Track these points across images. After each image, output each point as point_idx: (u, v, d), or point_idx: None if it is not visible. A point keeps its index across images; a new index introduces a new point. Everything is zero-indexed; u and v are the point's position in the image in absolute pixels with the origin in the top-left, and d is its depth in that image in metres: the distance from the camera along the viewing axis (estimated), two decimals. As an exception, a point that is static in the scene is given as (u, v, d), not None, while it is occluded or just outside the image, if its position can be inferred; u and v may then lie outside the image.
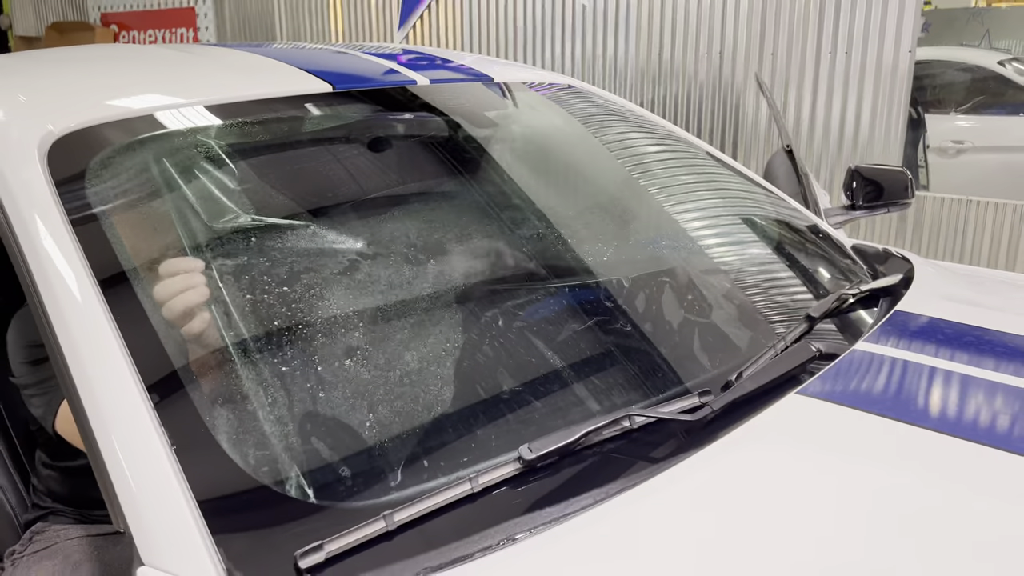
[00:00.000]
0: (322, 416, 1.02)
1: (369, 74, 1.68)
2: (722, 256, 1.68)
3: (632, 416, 1.05)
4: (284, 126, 1.45)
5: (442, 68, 1.85)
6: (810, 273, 1.72)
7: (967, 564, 0.85)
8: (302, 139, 1.46)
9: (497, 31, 5.23)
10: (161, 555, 0.85)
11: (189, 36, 7.41)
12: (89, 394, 0.94)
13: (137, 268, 1.09)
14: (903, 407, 1.11)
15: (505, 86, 1.85)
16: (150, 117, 1.32)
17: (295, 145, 1.44)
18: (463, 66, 1.91)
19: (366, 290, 1.17)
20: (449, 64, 1.89)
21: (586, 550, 0.88)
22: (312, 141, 1.47)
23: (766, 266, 1.72)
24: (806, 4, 4.15)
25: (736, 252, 1.74)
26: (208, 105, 1.40)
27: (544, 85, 1.99)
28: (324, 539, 0.85)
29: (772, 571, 0.85)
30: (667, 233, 1.65)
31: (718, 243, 1.71)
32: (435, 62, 1.88)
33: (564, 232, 1.48)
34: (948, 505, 0.94)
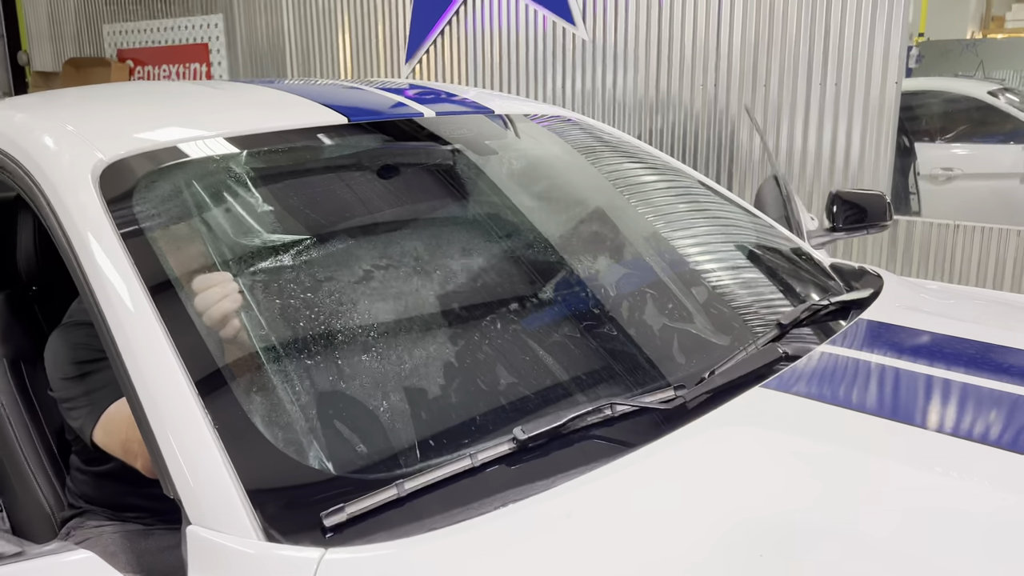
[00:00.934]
0: (342, 402, 1.18)
1: (380, 107, 1.85)
2: (704, 272, 1.83)
3: (613, 404, 1.20)
4: (306, 154, 1.62)
5: (447, 102, 2.02)
6: (786, 287, 1.87)
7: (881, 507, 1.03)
8: (322, 166, 1.62)
9: (500, 65, 5.43)
10: (207, 516, 1.00)
11: (202, 71, 7.63)
12: (143, 385, 1.09)
13: (179, 276, 1.25)
14: (849, 397, 1.27)
15: (506, 118, 2.02)
16: (187, 146, 1.49)
17: (316, 171, 1.60)
18: (466, 99, 2.08)
19: (378, 298, 1.33)
20: (453, 98, 2.06)
21: (567, 512, 1.02)
22: (330, 168, 1.63)
23: (746, 281, 1.87)
24: (796, 38, 4.33)
25: (718, 269, 1.89)
26: (237, 136, 1.56)
27: (541, 116, 2.16)
28: (345, 503, 1.00)
29: (727, 520, 1.00)
30: (654, 251, 1.81)
31: (701, 260, 1.87)
32: (440, 96, 2.05)
33: (560, 249, 1.64)
34: (869, 468, 1.14)
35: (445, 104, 1.97)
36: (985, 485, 1.08)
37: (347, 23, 6.19)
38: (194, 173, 1.46)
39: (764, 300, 1.74)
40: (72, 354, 1.60)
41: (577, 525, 1.00)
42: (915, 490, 1.07)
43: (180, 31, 7.67)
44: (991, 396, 1.28)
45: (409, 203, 1.65)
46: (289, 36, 6.61)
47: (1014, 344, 1.50)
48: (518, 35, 5.31)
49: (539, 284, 1.51)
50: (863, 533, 0.98)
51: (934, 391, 1.30)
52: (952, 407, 1.28)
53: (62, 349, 1.63)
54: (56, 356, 1.64)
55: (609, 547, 0.96)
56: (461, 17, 5.54)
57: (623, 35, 4.92)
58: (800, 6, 4.29)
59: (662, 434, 1.16)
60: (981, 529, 0.99)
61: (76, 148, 1.43)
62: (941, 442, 1.16)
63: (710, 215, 1.97)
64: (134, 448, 1.40)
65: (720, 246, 1.91)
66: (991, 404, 1.27)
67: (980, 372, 1.37)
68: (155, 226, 1.33)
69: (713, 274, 1.79)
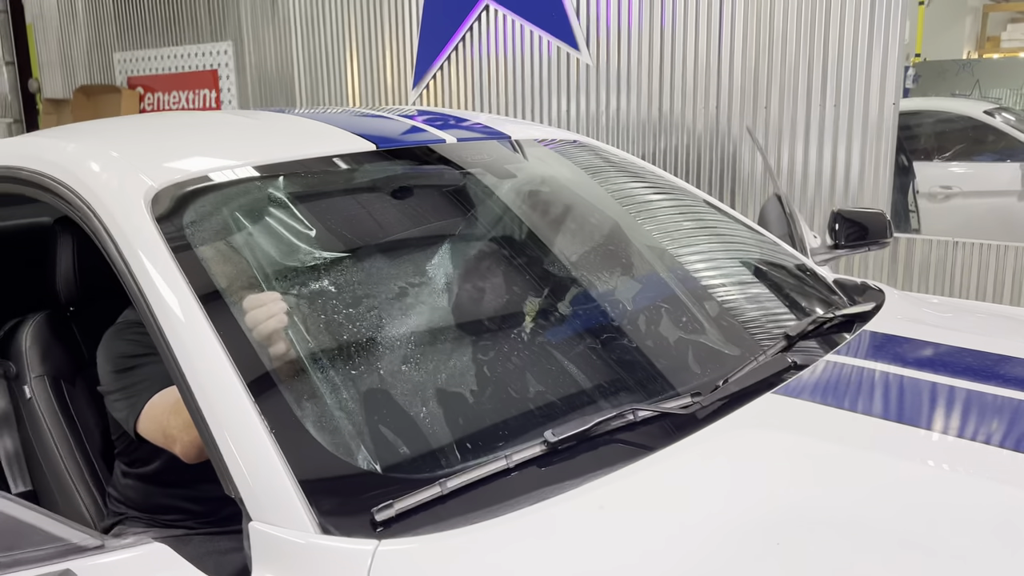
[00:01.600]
0: (386, 408, 1.28)
1: (404, 134, 1.95)
2: (716, 287, 1.93)
3: (636, 410, 1.29)
4: (339, 179, 1.72)
5: (466, 128, 2.12)
6: (792, 302, 1.97)
7: (888, 501, 1.12)
8: (354, 189, 1.73)
9: (506, 89, 5.55)
10: (266, 512, 1.09)
11: (212, 98, 7.76)
12: (203, 394, 1.18)
13: (228, 290, 1.35)
14: (855, 402, 1.37)
15: (521, 143, 2.12)
16: (230, 172, 1.59)
17: (349, 194, 1.71)
18: (483, 126, 2.19)
19: (416, 312, 1.43)
20: (470, 124, 2.17)
21: (600, 505, 1.11)
22: (362, 191, 1.74)
23: (754, 296, 1.97)
24: (796, 60, 4.45)
25: (729, 284, 1.99)
26: (276, 163, 1.66)
27: (554, 141, 2.26)
28: (394, 499, 1.09)
29: (747, 512, 1.09)
30: (669, 268, 1.91)
31: (712, 277, 1.97)
32: (460, 123, 2.16)
33: (582, 267, 1.74)
34: (876, 466, 1.23)
35: (464, 131, 2.08)
36: (988, 482, 1.18)
37: (355, 49, 6.33)
38: (237, 197, 1.56)
39: (772, 313, 1.83)
40: (121, 349, 1.72)
41: (610, 516, 1.09)
42: (920, 486, 1.16)
43: (190, 58, 7.80)
44: (992, 402, 1.37)
45: (438, 223, 1.75)
46: (298, 62, 6.74)
47: (1013, 353, 1.60)
48: (523, 60, 5.44)
49: (563, 299, 1.60)
50: (872, 524, 1.07)
51: (937, 397, 1.39)
52: (953, 411, 1.37)
53: (113, 346, 1.75)
54: (107, 352, 1.76)
55: (641, 534, 1.05)
56: (467, 43, 5.67)
57: (626, 59, 5.04)
58: (799, 28, 4.41)
59: (683, 437, 1.25)
60: (982, 520, 1.08)
61: (127, 176, 1.53)
62: (945, 443, 1.25)
63: (720, 234, 2.07)
64: (173, 433, 1.51)
65: (729, 263, 2.01)
66: (992, 409, 1.36)
67: (980, 379, 1.47)
68: (204, 246, 1.43)
69: (724, 289, 1.89)
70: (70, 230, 2.00)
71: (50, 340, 2.10)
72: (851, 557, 1.01)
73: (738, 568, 1.00)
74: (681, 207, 2.19)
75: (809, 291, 2.02)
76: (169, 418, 1.53)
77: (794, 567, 0.99)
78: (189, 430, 1.47)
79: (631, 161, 2.28)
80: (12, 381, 2.10)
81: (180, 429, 1.50)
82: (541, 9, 5.29)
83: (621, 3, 5.00)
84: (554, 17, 5.25)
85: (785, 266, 2.11)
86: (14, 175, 1.72)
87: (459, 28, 5.68)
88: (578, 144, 2.27)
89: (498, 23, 5.49)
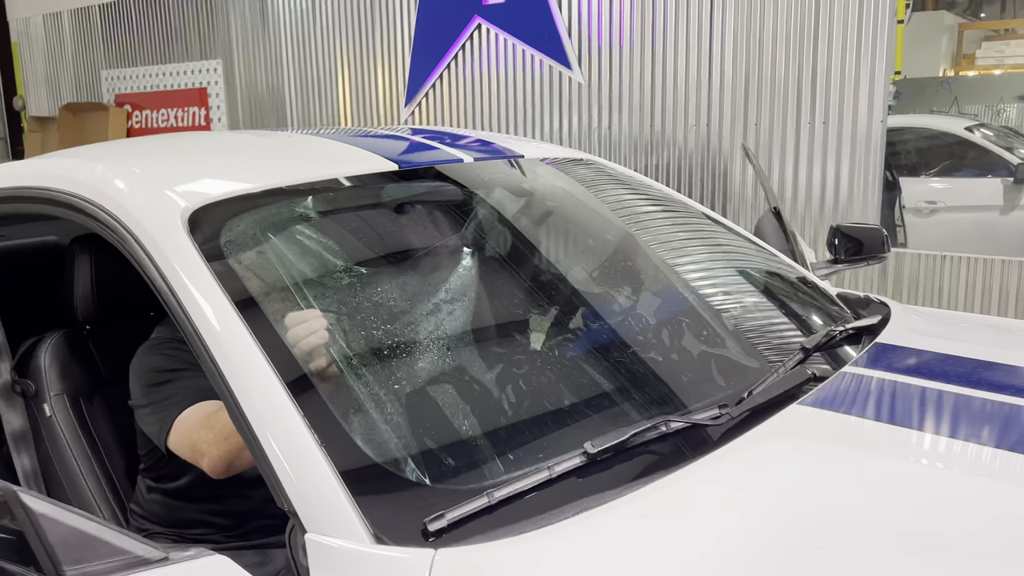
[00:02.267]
0: (433, 422, 1.32)
1: (424, 154, 2.00)
2: (732, 302, 1.98)
3: (668, 422, 1.33)
4: (363, 197, 1.76)
5: (482, 149, 2.17)
6: (804, 315, 2.02)
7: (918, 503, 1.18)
8: (379, 206, 1.77)
9: (499, 107, 5.61)
10: (321, 524, 1.12)
11: (201, 116, 7.77)
12: (253, 411, 1.22)
13: (268, 306, 1.39)
14: (876, 411, 1.42)
15: (534, 161, 2.18)
16: (261, 192, 1.63)
17: (375, 210, 1.75)
18: (496, 145, 2.24)
19: (452, 327, 1.47)
20: (487, 145, 2.22)
21: (645, 514, 1.15)
22: (387, 207, 1.78)
23: (769, 310, 2.02)
24: (785, 79, 4.54)
25: (744, 299, 2.04)
26: (304, 182, 1.70)
27: (564, 159, 2.32)
28: (445, 510, 1.13)
29: (786, 517, 1.14)
30: (684, 285, 1.96)
31: (729, 292, 2.03)
32: (475, 142, 2.21)
33: (603, 282, 1.79)
34: (905, 471, 1.29)
35: (481, 151, 2.13)
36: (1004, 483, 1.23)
37: (346, 68, 6.37)
38: (270, 215, 1.60)
39: (786, 326, 1.89)
40: (154, 364, 1.76)
41: (655, 524, 1.13)
42: (946, 489, 1.21)
43: (178, 76, 7.81)
44: (1005, 408, 1.43)
45: (467, 239, 1.80)
46: (289, 81, 6.77)
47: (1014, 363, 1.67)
48: (515, 78, 5.50)
49: (589, 315, 1.65)
50: (910, 528, 1.12)
51: (953, 405, 1.45)
52: (969, 418, 1.42)
53: (146, 361, 1.78)
54: (140, 367, 1.79)
55: (686, 541, 1.09)
56: (459, 61, 5.73)
57: (617, 78, 5.11)
58: (788, 48, 4.51)
59: (716, 446, 1.30)
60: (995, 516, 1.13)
61: (161, 196, 1.56)
62: (965, 448, 1.30)
63: (730, 251, 2.12)
64: (202, 448, 1.54)
65: (742, 279, 2.07)
66: (1005, 415, 1.42)
67: (990, 388, 1.53)
68: (241, 262, 1.46)
69: (739, 303, 1.95)
70: (88, 249, 2.02)
71: (69, 358, 2.11)
72: (890, 560, 1.05)
73: (782, 571, 1.04)
74: (690, 224, 2.25)
75: (817, 304, 2.08)
76: (199, 431, 1.56)
77: (836, 570, 1.04)
78: (218, 444, 1.51)
79: (639, 179, 2.34)
80: (31, 400, 2.11)
81: (209, 443, 1.53)
82: (533, 28, 5.36)
83: (613, 22, 5.08)
84: (546, 36, 5.33)
85: (793, 281, 2.17)
86: (42, 195, 1.74)
87: (451, 47, 5.74)
88: (585, 163, 2.33)
89: (490, 42, 5.55)
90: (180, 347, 1.72)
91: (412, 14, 5.91)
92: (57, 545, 0.97)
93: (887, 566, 1.05)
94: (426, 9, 5.83)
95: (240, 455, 1.48)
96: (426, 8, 5.83)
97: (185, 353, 1.73)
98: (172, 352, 1.72)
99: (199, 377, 1.68)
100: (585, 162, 2.36)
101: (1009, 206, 5.55)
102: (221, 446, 1.51)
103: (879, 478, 1.23)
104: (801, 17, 4.44)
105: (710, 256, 2.13)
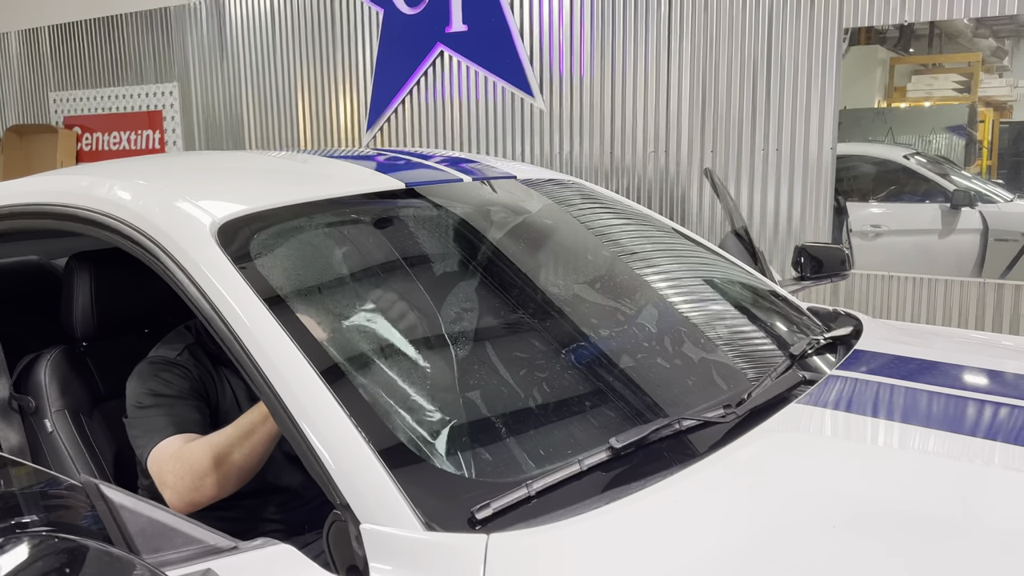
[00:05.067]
0: (474, 422, 1.42)
1: (427, 174, 2.09)
2: (724, 315, 2.12)
3: (682, 419, 1.45)
4: (372, 212, 1.85)
5: (477, 168, 2.27)
6: (785, 325, 2.16)
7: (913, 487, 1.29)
8: (386, 220, 1.86)
9: (461, 132, 5.72)
10: (374, 515, 1.19)
11: (155, 139, 7.71)
12: (301, 412, 1.28)
13: (302, 311, 1.46)
14: (864, 407, 1.57)
15: (528, 182, 2.28)
16: (282, 208, 1.70)
17: (382, 225, 1.84)
18: (491, 166, 2.35)
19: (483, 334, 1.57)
20: (482, 165, 2.33)
21: (675, 499, 1.26)
22: (394, 222, 1.87)
23: (755, 321, 2.16)
24: (740, 108, 4.75)
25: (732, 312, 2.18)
26: (320, 198, 1.78)
27: (555, 181, 2.43)
28: (490, 500, 1.21)
29: (802, 501, 1.26)
30: (683, 298, 2.10)
31: (719, 305, 2.17)
32: (472, 164, 2.31)
33: (601, 294, 1.90)
34: (901, 461, 1.41)
35: (477, 171, 2.23)
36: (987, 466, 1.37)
37: (306, 92, 6.42)
38: (291, 228, 1.68)
39: (772, 336, 2.02)
40: (149, 386, 1.80)
41: (685, 508, 1.23)
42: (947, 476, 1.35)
43: (132, 99, 7.75)
44: (978, 404, 1.58)
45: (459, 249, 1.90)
46: (247, 104, 6.78)
47: (984, 366, 1.83)
48: (478, 105, 5.62)
49: (599, 326, 1.77)
50: (905, 506, 1.24)
51: (932, 401, 1.59)
52: (944, 411, 1.57)
53: (142, 382, 1.82)
54: (135, 387, 1.83)
55: (717, 522, 1.20)
56: (422, 87, 5.83)
57: (579, 106, 5.27)
58: (742, 79, 4.72)
59: (729, 440, 1.42)
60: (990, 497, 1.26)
61: (190, 211, 1.62)
62: (949, 438, 1.45)
63: (717, 270, 2.27)
64: (167, 480, 1.61)
65: (728, 294, 2.21)
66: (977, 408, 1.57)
67: (964, 387, 1.68)
68: (271, 271, 1.54)
69: (729, 317, 2.08)
70: (87, 267, 2.05)
71: (68, 374, 2.13)
72: (897, 537, 1.17)
73: (801, 545, 1.15)
74: (673, 242, 2.38)
75: (793, 317, 2.22)
76: (168, 463, 1.62)
77: (850, 544, 1.15)
78: (183, 480, 1.57)
79: (623, 201, 2.47)
80: (31, 416, 2.13)
81: (176, 476, 1.59)
82: (495, 56, 5.50)
83: (573, 52, 5.25)
84: (508, 64, 5.47)
85: (769, 295, 2.31)
86: (59, 211, 1.78)
87: (414, 72, 5.84)
88: (577, 185, 2.46)
89: (453, 69, 5.67)
90: (176, 372, 1.78)
91: (374, 39, 6.01)
92: (136, 535, 1.02)
93: (893, 543, 1.17)
94: (388, 35, 5.93)
95: (201, 488, 1.54)
96: (388, 34, 5.93)
97: (180, 380, 1.79)
98: (167, 378, 1.78)
99: (188, 408, 1.75)
100: (575, 185, 2.48)
101: (947, 230, 5.85)
102: (184, 481, 1.57)
103: (876, 465, 1.36)
104: (753, 49, 4.67)
105: (699, 273, 2.27)
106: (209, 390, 1.84)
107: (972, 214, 5.65)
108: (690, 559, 1.14)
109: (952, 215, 5.85)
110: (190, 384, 1.80)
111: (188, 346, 1.87)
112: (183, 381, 1.80)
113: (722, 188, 3.50)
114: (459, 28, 5.58)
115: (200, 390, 1.82)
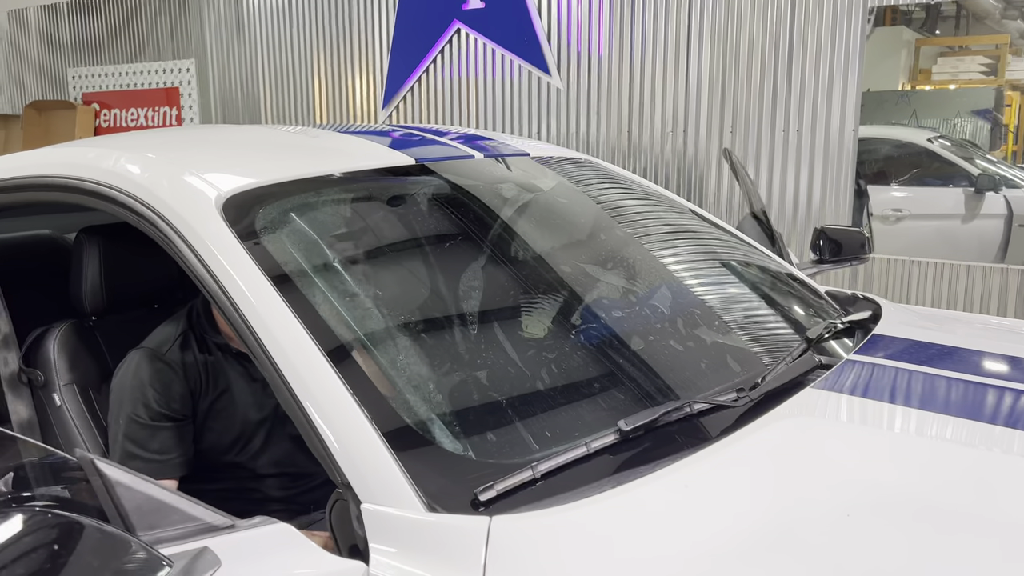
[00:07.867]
0: (479, 402, 1.38)
1: (439, 150, 2.06)
2: (740, 297, 2.08)
3: (693, 403, 1.41)
4: (381, 188, 1.82)
5: (490, 145, 2.23)
6: (802, 309, 2.12)
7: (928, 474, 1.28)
8: (397, 196, 1.83)
9: (477, 110, 5.67)
10: (376, 495, 1.17)
11: (172, 115, 7.71)
12: (303, 390, 1.26)
13: (306, 287, 1.43)
14: (881, 393, 1.53)
15: (542, 159, 2.24)
16: (289, 183, 1.67)
17: (391, 201, 1.81)
18: (505, 143, 2.31)
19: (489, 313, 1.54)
20: (496, 142, 2.29)
21: (685, 484, 1.23)
22: (404, 198, 1.84)
23: (772, 304, 2.12)
24: (761, 88, 4.67)
25: (749, 294, 2.14)
26: (327, 174, 1.75)
27: (567, 159, 2.39)
28: (493, 481, 1.19)
29: (814, 487, 1.23)
30: (697, 279, 2.06)
31: (735, 287, 2.13)
32: (487, 141, 2.28)
33: (617, 273, 1.87)
34: (915, 446, 1.39)
35: (489, 148, 2.19)
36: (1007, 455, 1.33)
37: (323, 70, 6.38)
38: (298, 202, 1.65)
39: (789, 319, 1.98)
40: (146, 396, 1.74)
41: (694, 493, 1.20)
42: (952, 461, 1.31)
43: (150, 75, 7.75)
44: (998, 391, 1.54)
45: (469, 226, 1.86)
46: (264, 81, 6.76)
47: (1005, 352, 1.78)
48: (495, 83, 5.57)
49: (612, 305, 1.73)
50: (921, 494, 1.21)
51: (951, 387, 1.55)
52: (963, 398, 1.53)
53: (138, 384, 1.76)
54: (130, 387, 1.77)
55: (725, 508, 1.16)
56: (438, 65, 5.78)
57: (596, 85, 5.21)
58: (763, 58, 4.64)
59: (742, 425, 1.38)
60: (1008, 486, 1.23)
61: (195, 184, 1.60)
62: (967, 426, 1.40)
63: (737, 253, 2.23)
64: None
65: (744, 276, 2.16)
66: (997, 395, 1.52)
67: (984, 374, 1.64)
68: (277, 246, 1.51)
69: (746, 299, 2.04)
70: (96, 241, 2.03)
71: (77, 349, 2.12)
72: (912, 525, 1.14)
73: (813, 533, 1.12)
74: (693, 223, 2.33)
75: (812, 300, 2.17)
76: None
77: (864, 531, 1.12)
78: None
79: (637, 179, 2.42)
80: (40, 389, 2.12)
81: None
82: (512, 34, 5.43)
83: (592, 30, 5.18)
84: (525, 42, 5.41)
85: (788, 278, 2.27)
86: (63, 183, 1.76)
87: (431, 50, 5.79)
88: (591, 163, 2.41)
89: (470, 46, 5.61)
90: (156, 388, 1.73)
91: (391, 17, 5.95)
92: (132, 511, 1.01)
93: (907, 531, 1.13)
94: (405, 12, 5.87)
95: None
96: (405, 11, 5.87)
97: (160, 396, 1.73)
98: (166, 380, 1.73)
99: (164, 436, 1.71)
100: (590, 163, 2.43)
101: (970, 215, 5.75)
102: None
103: (890, 451, 1.33)
104: (776, 29, 4.58)
105: (715, 254, 2.22)
106: (198, 384, 1.79)
107: (996, 199, 5.55)
108: (696, 544, 1.11)
109: (976, 199, 5.76)
110: (167, 399, 1.74)
111: (180, 335, 1.82)
112: (162, 397, 1.74)
113: (741, 169, 3.44)
114: (476, 5, 5.52)
115: (183, 394, 1.77)
